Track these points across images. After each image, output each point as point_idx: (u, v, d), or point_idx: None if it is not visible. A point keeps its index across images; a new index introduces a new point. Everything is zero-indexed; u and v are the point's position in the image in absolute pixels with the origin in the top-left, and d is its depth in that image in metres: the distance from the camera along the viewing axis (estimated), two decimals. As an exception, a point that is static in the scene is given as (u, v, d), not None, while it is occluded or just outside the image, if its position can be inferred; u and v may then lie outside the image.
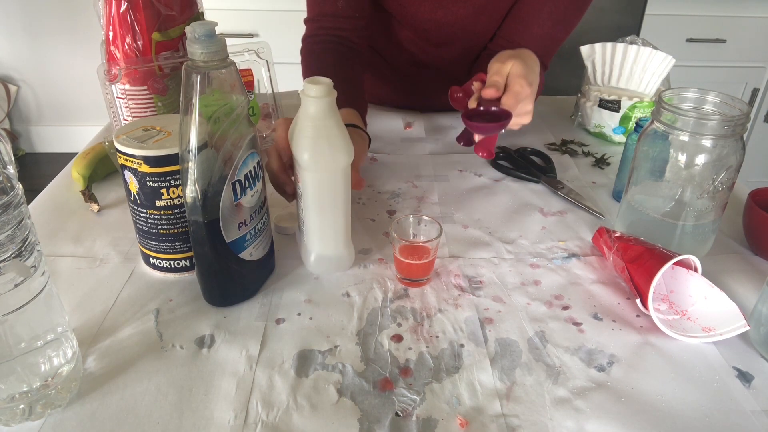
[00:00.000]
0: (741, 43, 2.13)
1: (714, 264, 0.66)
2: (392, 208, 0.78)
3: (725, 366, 0.54)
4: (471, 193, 0.82)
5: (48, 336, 0.47)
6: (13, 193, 0.42)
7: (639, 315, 0.60)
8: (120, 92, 0.77)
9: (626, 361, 0.54)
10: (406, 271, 0.63)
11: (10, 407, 0.46)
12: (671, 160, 0.64)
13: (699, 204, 0.64)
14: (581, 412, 0.49)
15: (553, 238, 0.72)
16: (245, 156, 0.54)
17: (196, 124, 0.50)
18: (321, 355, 0.54)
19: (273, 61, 0.88)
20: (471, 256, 0.69)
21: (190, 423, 0.47)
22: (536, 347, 0.56)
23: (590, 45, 0.99)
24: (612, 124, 0.96)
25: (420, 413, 0.49)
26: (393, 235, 0.62)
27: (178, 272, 0.63)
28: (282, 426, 0.47)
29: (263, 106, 0.91)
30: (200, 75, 0.49)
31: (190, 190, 0.52)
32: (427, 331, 0.57)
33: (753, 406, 0.50)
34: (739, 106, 0.63)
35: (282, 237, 0.71)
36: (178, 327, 0.57)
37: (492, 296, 0.62)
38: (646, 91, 0.96)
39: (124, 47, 0.75)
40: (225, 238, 0.55)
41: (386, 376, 0.52)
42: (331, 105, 0.56)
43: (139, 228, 0.62)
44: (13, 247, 0.42)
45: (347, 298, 0.61)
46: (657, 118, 0.63)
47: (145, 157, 0.56)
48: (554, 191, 0.82)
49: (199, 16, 0.83)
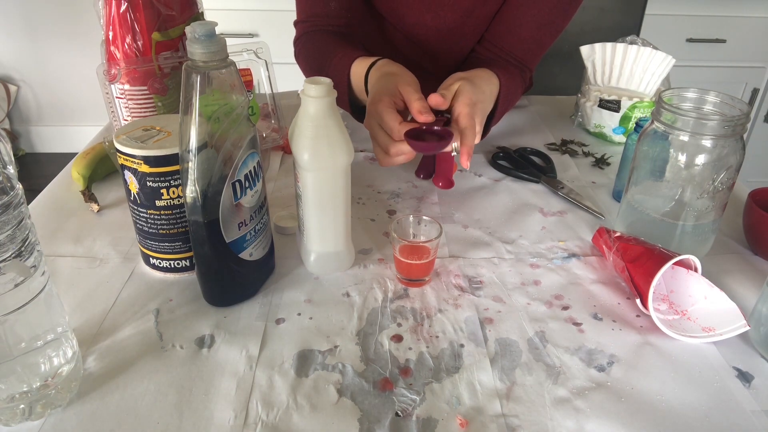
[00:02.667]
0: (741, 43, 2.13)
1: (714, 264, 0.66)
2: (392, 208, 0.78)
3: (725, 366, 0.54)
4: (471, 193, 0.82)
5: (48, 336, 0.47)
6: (13, 193, 0.42)
7: (639, 315, 0.60)
8: (120, 92, 0.77)
9: (626, 361, 0.54)
10: (406, 271, 0.63)
11: (10, 407, 0.46)
12: (671, 160, 0.64)
13: (699, 204, 0.64)
14: (581, 412, 0.49)
15: (553, 238, 0.72)
16: (245, 156, 0.54)
17: (196, 124, 0.50)
18: (321, 355, 0.54)
19: (272, 61, 0.88)
20: (471, 256, 0.69)
21: (190, 423, 0.47)
22: (536, 347, 0.56)
23: (590, 45, 0.99)
24: (612, 124, 0.96)
25: (420, 413, 0.49)
26: (393, 235, 0.62)
27: (178, 272, 0.63)
28: (282, 426, 0.47)
29: (263, 106, 0.91)
30: (200, 75, 0.49)
31: (190, 190, 0.52)
32: (427, 331, 0.57)
33: (753, 406, 0.50)
34: (739, 106, 0.63)
35: (282, 237, 0.71)
36: (178, 327, 0.57)
37: (492, 296, 0.62)
38: (646, 91, 0.96)
39: (124, 47, 0.75)
40: (225, 238, 0.55)
41: (386, 376, 0.52)
42: (331, 105, 0.56)
43: (139, 228, 0.62)
44: (13, 247, 0.42)
45: (347, 298, 0.61)
46: (657, 118, 0.63)
47: (145, 157, 0.56)
48: (554, 191, 0.82)
49: (199, 16, 0.83)
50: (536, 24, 0.88)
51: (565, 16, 0.88)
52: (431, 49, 0.98)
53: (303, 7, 0.94)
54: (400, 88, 0.71)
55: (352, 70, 0.81)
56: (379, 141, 0.71)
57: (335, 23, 0.92)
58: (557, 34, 0.90)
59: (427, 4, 0.91)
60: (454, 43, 0.97)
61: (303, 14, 0.94)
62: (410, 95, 0.69)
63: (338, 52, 0.84)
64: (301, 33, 0.94)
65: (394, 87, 0.71)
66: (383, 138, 0.70)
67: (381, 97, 0.70)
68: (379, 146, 0.71)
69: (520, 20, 0.88)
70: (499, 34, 0.91)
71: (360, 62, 0.80)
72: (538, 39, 0.89)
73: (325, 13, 0.91)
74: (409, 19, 0.94)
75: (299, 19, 0.95)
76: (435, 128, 0.69)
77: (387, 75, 0.74)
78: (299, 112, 0.58)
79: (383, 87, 0.72)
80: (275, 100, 0.90)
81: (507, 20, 0.90)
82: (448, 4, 0.91)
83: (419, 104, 0.68)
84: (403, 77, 0.73)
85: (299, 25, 0.95)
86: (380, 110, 0.69)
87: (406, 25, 0.95)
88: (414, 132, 0.68)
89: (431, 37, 0.96)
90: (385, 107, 0.69)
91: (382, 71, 0.76)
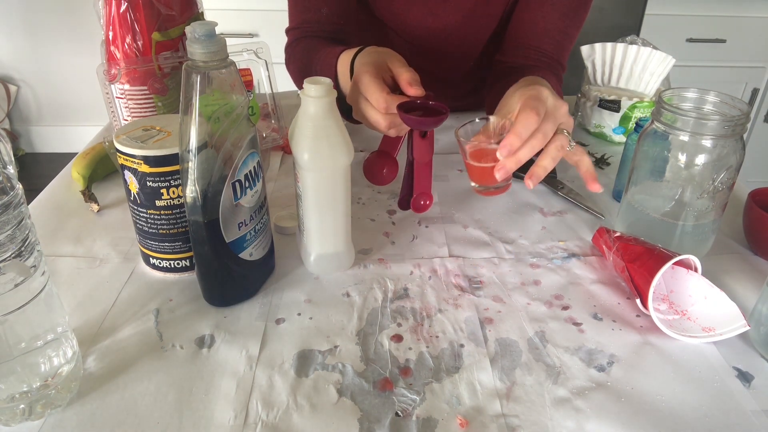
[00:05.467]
0: (741, 43, 2.13)
1: (714, 264, 0.66)
2: (392, 208, 0.78)
3: (725, 366, 0.54)
4: (471, 193, 0.82)
5: (48, 336, 0.47)
6: (13, 193, 0.42)
7: (639, 315, 0.60)
8: (120, 92, 0.77)
9: (626, 361, 0.54)
10: (483, 178, 0.60)
11: (10, 407, 0.46)
12: (671, 160, 0.64)
13: (699, 204, 0.64)
14: (581, 412, 0.49)
15: (553, 238, 0.72)
16: (245, 156, 0.54)
17: (196, 124, 0.50)
18: (321, 355, 0.54)
19: (272, 61, 0.88)
20: (471, 256, 0.69)
21: (190, 423, 0.47)
22: (536, 347, 0.56)
23: (590, 45, 0.99)
24: (612, 124, 0.96)
25: (420, 413, 0.49)
26: (461, 140, 0.60)
27: (178, 272, 0.63)
28: (282, 426, 0.47)
29: (263, 106, 0.91)
30: (200, 75, 0.49)
31: (190, 190, 0.52)
32: (427, 331, 0.57)
33: (753, 406, 0.50)
34: (739, 106, 0.63)
35: (282, 237, 0.71)
36: (178, 327, 0.57)
37: (492, 296, 0.62)
38: (646, 91, 0.96)
39: (124, 47, 0.75)
40: (225, 238, 0.55)
41: (386, 376, 0.52)
42: (331, 105, 0.56)
43: (139, 228, 0.62)
44: (13, 247, 0.42)
45: (347, 298, 0.61)
46: (657, 118, 0.63)
47: (145, 157, 0.56)
48: (554, 191, 0.82)
49: (199, 16, 0.83)
50: (558, 13, 0.86)
51: (585, 3, 0.87)
52: (434, 53, 0.98)
53: (295, 14, 0.92)
54: (389, 62, 0.65)
55: (339, 61, 0.75)
56: (368, 115, 0.64)
57: (327, 29, 0.90)
58: (580, 24, 0.89)
59: (428, 6, 0.91)
60: (457, 46, 0.96)
61: (294, 21, 0.93)
62: (399, 68, 0.64)
63: (326, 49, 0.81)
64: (292, 39, 0.93)
65: (382, 61, 0.66)
66: (371, 112, 0.64)
67: (366, 68, 0.64)
68: (370, 121, 0.65)
69: (542, 12, 0.87)
70: (525, 34, 0.90)
71: (346, 53, 0.75)
72: (563, 30, 0.88)
73: (316, 20, 0.90)
74: (411, 23, 0.93)
75: (291, 26, 0.94)
76: (429, 102, 0.62)
77: (374, 52, 0.69)
78: (299, 112, 0.58)
79: (369, 61, 0.67)
80: (275, 100, 0.90)
81: (528, 18, 0.89)
82: (449, 6, 0.90)
83: (409, 75, 0.63)
84: (391, 54, 0.67)
85: (291, 33, 0.93)
86: (365, 80, 0.63)
87: (408, 29, 0.95)
88: (406, 105, 0.61)
89: (433, 40, 0.95)
90: (371, 77, 0.63)
91: (368, 52, 0.70)
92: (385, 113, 0.63)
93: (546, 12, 0.87)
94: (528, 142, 0.59)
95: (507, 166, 0.60)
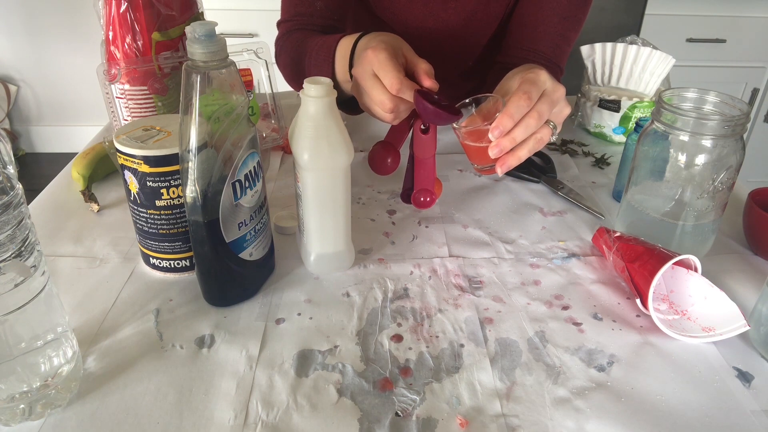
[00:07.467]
0: (741, 43, 2.13)
1: (714, 264, 0.66)
2: (392, 208, 0.78)
3: (725, 366, 0.54)
4: (471, 193, 0.82)
5: (48, 336, 0.47)
6: (13, 193, 0.42)
7: (639, 315, 0.60)
8: (120, 92, 0.77)
9: (626, 361, 0.54)
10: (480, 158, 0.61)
11: (10, 407, 0.46)
12: (671, 160, 0.64)
13: (699, 204, 0.64)
14: (581, 412, 0.49)
15: (553, 238, 0.72)
16: (245, 156, 0.54)
17: (196, 124, 0.50)
18: (321, 355, 0.54)
19: (272, 61, 0.88)
20: (471, 256, 0.69)
21: (190, 423, 0.47)
22: (536, 347, 0.56)
23: (590, 45, 0.99)
24: (612, 124, 0.96)
25: (420, 413, 0.49)
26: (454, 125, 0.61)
27: (178, 272, 0.63)
28: (282, 426, 0.47)
29: (263, 106, 0.91)
30: (200, 75, 0.49)
31: (190, 190, 0.52)
32: (427, 331, 0.57)
33: (753, 406, 0.50)
34: (739, 106, 0.63)
35: (282, 237, 0.71)
36: (178, 327, 0.57)
37: (492, 296, 0.62)
38: (646, 91, 0.96)
39: (124, 47, 0.75)
40: (225, 238, 0.55)
41: (386, 376, 0.52)
42: (331, 105, 0.56)
43: (139, 228, 0.62)
44: (13, 247, 0.42)
45: (347, 298, 0.61)
46: (657, 118, 0.64)
47: (145, 157, 0.56)
48: (554, 191, 0.82)
49: (199, 16, 0.83)
50: (558, 17, 0.87)
51: (584, 6, 0.88)
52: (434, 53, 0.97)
53: (288, 6, 0.91)
54: (404, 48, 0.63)
55: (340, 44, 0.72)
56: (372, 94, 0.61)
57: (320, 23, 0.89)
58: (579, 27, 0.89)
59: (429, 8, 0.91)
60: (457, 47, 0.96)
61: (287, 14, 0.92)
62: (415, 57, 0.62)
63: (323, 37, 0.78)
64: (283, 32, 0.92)
65: (398, 45, 0.63)
66: (378, 92, 0.60)
67: (384, 46, 0.61)
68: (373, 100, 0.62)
69: (542, 16, 0.87)
70: (524, 36, 0.90)
71: (347, 38, 0.71)
72: (562, 33, 0.88)
73: (309, 13, 0.89)
74: (411, 23, 0.93)
75: (283, 18, 0.92)
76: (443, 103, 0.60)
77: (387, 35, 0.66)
78: (299, 112, 0.58)
79: (385, 40, 0.63)
80: (275, 100, 0.90)
81: (528, 21, 0.89)
82: (450, 8, 0.90)
83: (427, 66, 0.61)
84: (405, 42, 0.65)
85: (282, 25, 0.92)
86: (381, 57, 0.59)
87: (408, 29, 0.94)
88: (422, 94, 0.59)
89: (433, 40, 0.95)
90: (390, 55, 0.60)
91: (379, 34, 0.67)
92: (392, 95, 0.60)
93: (545, 15, 0.87)
94: (523, 121, 0.59)
95: (501, 144, 0.59)
